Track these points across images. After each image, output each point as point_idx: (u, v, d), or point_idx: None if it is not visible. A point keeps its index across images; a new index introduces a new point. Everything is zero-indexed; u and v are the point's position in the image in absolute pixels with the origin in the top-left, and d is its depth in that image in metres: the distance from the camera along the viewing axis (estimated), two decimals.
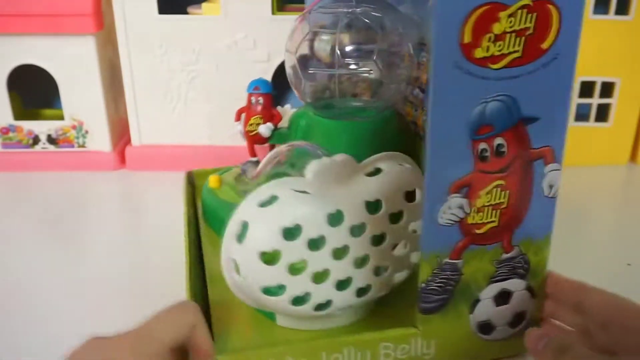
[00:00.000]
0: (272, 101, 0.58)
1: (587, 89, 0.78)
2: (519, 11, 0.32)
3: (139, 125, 0.80)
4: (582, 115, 0.79)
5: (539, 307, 0.40)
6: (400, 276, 0.42)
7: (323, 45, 0.51)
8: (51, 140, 0.80)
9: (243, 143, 0.80)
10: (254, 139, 0.58)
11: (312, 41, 0.51)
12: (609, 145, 0.81)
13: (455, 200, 0.35)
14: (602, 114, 0.80)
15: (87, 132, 0.80)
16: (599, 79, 0.77)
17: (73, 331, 0.46)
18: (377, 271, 0.41)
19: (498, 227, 0.37)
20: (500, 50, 0.32)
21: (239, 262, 0.37)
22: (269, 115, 0.57)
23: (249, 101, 0.58)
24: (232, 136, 0.80)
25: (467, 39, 0.32)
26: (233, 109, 0.79)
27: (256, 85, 0.57)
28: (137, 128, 0.80)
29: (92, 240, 0.63)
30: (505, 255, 0.38)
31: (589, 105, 0.79)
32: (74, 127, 0.80)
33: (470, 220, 0.36)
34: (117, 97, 0.82)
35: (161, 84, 0.78)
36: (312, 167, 0.38)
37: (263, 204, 0.37)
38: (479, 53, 0.32)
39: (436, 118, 0.33)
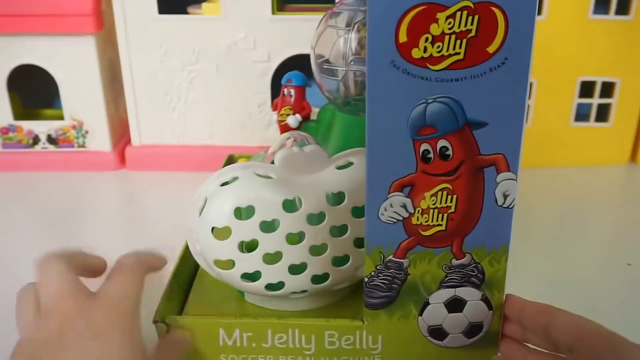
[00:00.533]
0: (304, 94, 0.59)
1: (587, 89, 0.78)
2: (459, 13, 0.31)
3: (139, 125, 0.80)
4: (582, 115, 0.80)
5: (498, 321, 0.39)
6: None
7: (338, 42, 0.51)
8: (51, 140, 0.80)
9: (243, 143, 0.80)
10: (284, 129, 0.60)
11: (334, 39, 0.52)
12: (609, 145, 0.81)
13: (397, 198, 0.35)
14: (602, 114, 0.80)
15: (87, 132, 0.80)
16: (599, 79, 0.77)
17: None
18: (337, 261, 0.41)
19: (446, 231, 0.36)
20: (439, 52, 0.32)
21: (197, 234, 0.40)
22: (299, 107, 0.59)
23: (282, 92, 0.59)
24: (232, 136, 0.81)
25: (403, 38, 0.31)
26: (233, 109, 0.80)
27: (289, 78, 0.59)
28: (137, 128, 0.80)
29: (92, 241, 0.63)
30: (456, 262, 0.37)
31: (589, 105, 0.79)
32: (74, 127, 0.80)
33: (415, 221, 0.36)
34: (117, 97, 0.83)
35: (161, 84, 0.78)
36: (280, 155, 0.40)
37: (223, 183, 0.40)
38: (416, 53, 0.32)
39: (373, 115, 0.33)
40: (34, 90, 0.83)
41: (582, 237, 0.64)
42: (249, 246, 0.40)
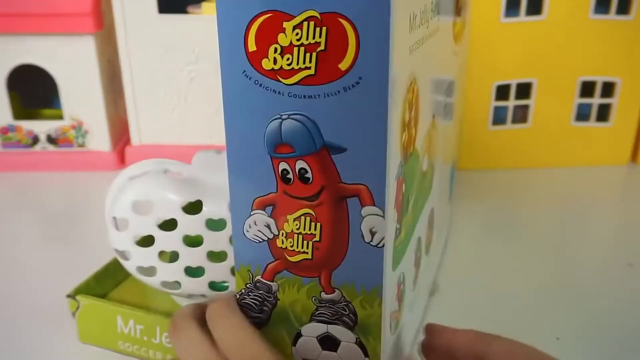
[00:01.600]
0: None
1: (587, 88, 0.78)
2: (305, 23, 0.27)
3: (138, 125, 0.80)
4: (582, 115, 0.79)
5: None
6: None
7: None
8: (51, 140, 0.80)
9: None
10: None
11: None
12: (609, 145, 0.81)
13: (260, 217, 0.32)
14: (603, 113, 0.80)
15: (86, 132, 0.80)
16: (599, 79, 0.77)
17: (72, 331, 0.46)
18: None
19: (312, 260, 0.33)
20: (290, 65, 0.29)
21: (106, 222, 0.42)
22: None
23: None
24: None
25: (252, 47, 0.29)
26: None
27: None
28: (137, 128, 0.80)
29: (92, 240, 0.63)
30: (325, 296, 0.33)
31: (590, 105, 0.79)
32: (73, 127, 0.80)
33: (280, 244, 0.33)
34: (117, 97, 0.82)
35: (161, 84, 0.78)
36: (197, 155, 0.40)
37: (132, 177, 0.41)
38: (266, 64, 0.29)
39: (231, 127, 0.31)
40: (34, 90, 0.83)
41: (582, 237, 0.64)
42: (138, 240, 0.41)
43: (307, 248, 0.33)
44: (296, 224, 0.32)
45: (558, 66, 0.75)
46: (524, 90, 0.77)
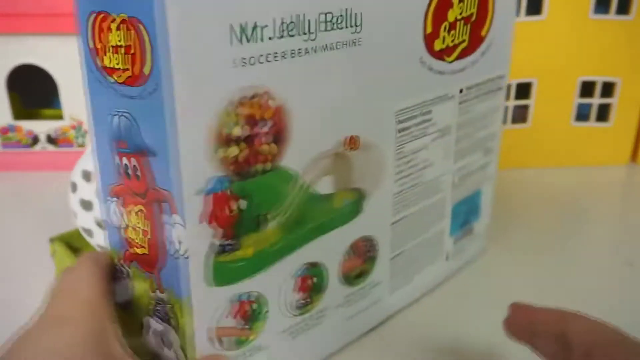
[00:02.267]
0: None
1: (587, 88, 0.78)
2: (122, 25, 0.28)
3: None
4: (582, 115, 0.79)
5: None
6: None
7: None
8: (50, 140, 0.80)
9: None
10: None
11: None
12: (609, 145, 0.81)
13: (114, 205, 0.34)
14: (603, 113, 0.80)
15: (86, 132, 0.80)
16: (599, 79, 0.77)
17: None
18: None
19: (148, 256, 0.33)
20: (118, 64, 0.29)
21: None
22: None
23: None
24: None
25: (91, 44, 0.31)
26: None
27: None
28: None
29: None
30: (158, 294, 0.33)
31: (590, 105, 0.79)
32: (73, 127, 0.80)
33: (128, 234, 0.34)
34: None
35: None
36: None
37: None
38: (105, 61, 0.30)
39: (90, 119, 0.33)
40: (34, 90, 0.83)
41: (582, 237, 0.64)
42: (82, 203, 0.47)
43: (144, 243, 0.33)
44: (135, 218, 0.33)
45: (558, 66, 0.75)
46: (524, 90, 0.77)
